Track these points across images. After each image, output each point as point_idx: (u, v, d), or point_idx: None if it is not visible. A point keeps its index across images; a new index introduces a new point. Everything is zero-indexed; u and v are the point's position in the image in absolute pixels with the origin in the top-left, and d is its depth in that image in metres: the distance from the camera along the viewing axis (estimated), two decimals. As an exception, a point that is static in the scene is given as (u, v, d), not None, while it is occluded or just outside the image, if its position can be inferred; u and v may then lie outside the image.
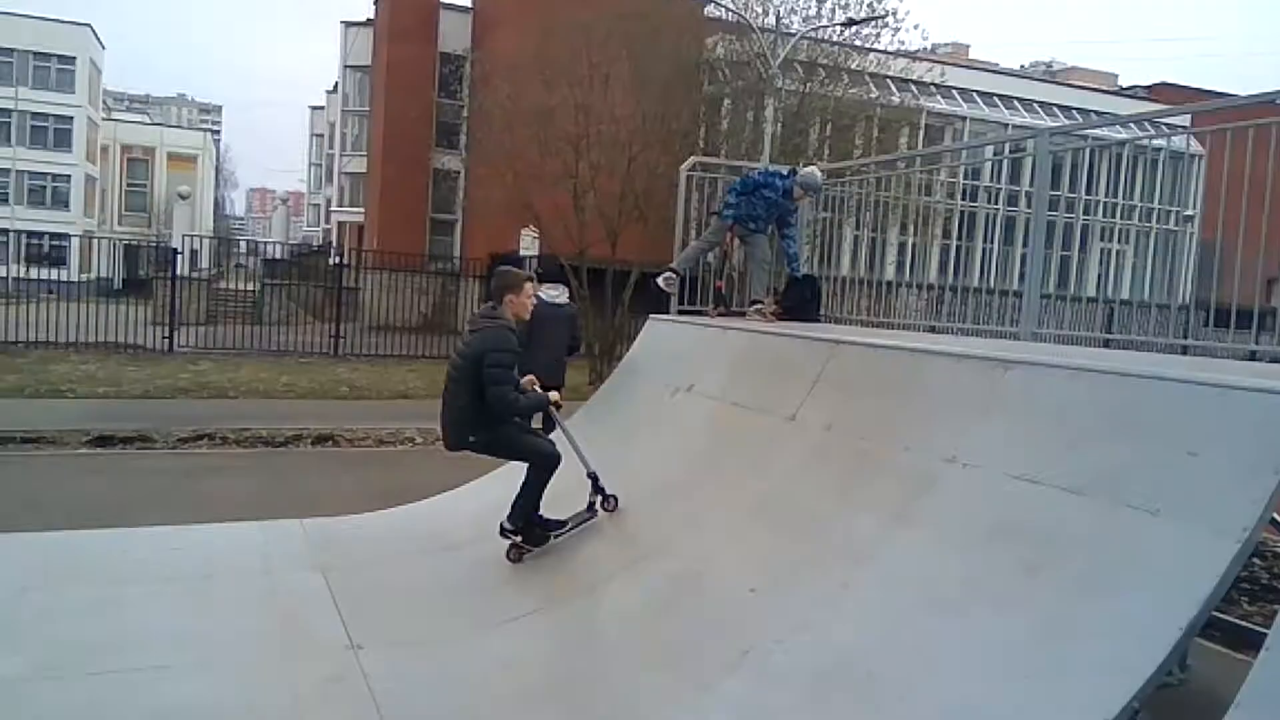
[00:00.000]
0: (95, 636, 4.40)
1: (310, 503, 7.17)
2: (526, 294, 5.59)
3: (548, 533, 5.42)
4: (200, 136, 62.79)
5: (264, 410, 12.43)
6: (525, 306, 5.62)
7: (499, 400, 5.21)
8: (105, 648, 4.29)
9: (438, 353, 20.46)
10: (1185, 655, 4.21)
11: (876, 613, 3.74)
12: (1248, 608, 5.69)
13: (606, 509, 5.57)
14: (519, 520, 5.36)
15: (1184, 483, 3.09)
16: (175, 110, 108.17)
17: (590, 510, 5.57)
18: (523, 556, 5.38)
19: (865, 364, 5.29)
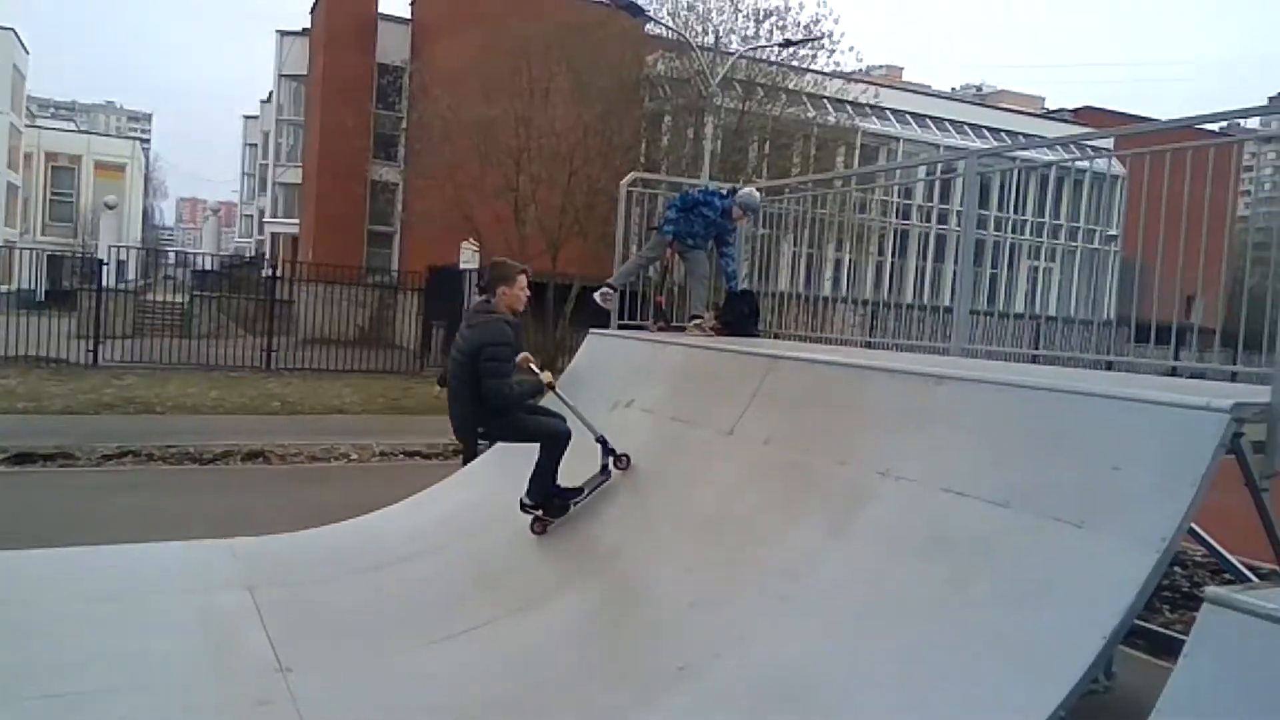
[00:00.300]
0: (12, 661, 4.21)
1: (239, 521, 6.98)
2: (520, 285, 5.53)
3: (567, 502, 5.49)
4: (129, 145, 61.02)
5: (192, 426, 12.09)
6: (519, 299, 5.55)
7: (496, 394, 5.23)
8: (24, 672, 4.11)
9: (374, 367, 20.16)
10: (1110, 663, 4.34)
11: (813, 625, 3.78)
12: (1169, 615, 5.87)
13: (620, 467, 5.64)
14: (538, 495, 5.44)
15: (1107, 495, 3.19)
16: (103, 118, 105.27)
17: (604, 472, 5.64)
18: (546, 528, 5.46)
19: (802, 379, 5.35)
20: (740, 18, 23.02)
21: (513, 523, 5.64)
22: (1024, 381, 3.95)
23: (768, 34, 22.99)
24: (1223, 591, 2.47)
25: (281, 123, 44.45)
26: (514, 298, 5.54)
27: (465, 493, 6.57)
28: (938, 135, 34.82)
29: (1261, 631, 2.26)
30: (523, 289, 5.55)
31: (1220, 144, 6.22)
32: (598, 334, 8.41)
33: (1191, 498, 2.96)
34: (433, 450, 11.68)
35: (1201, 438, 3.06)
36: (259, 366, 19.08)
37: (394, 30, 32.79)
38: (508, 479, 6.50)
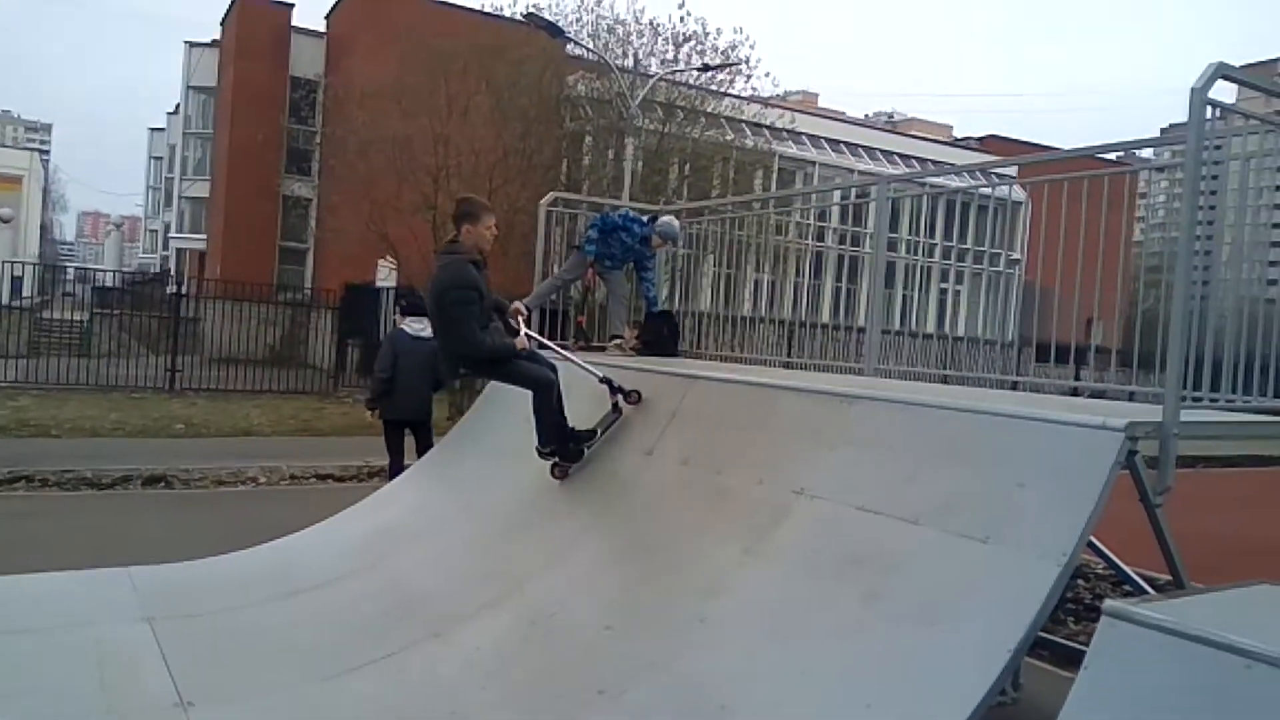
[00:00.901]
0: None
1: (139, 549, 6.67)
2: (486, 224, 5.27)
3: (581, 445, 5.52)
4: (26, 156, 58.44)
5: (91, 450, 11.55)
6: (484, 238, 5.29)
7: (465, 344, 5.12)
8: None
9: (286, 387, 19.61)
10: (1017, 674, 4.46)
11: (730, 646, 3.79)
12: (1073, 627, 6.06)
13: (631, 402, 5.66)
14: (551, 440, 5.42)
15: (1011, 512, 3.29)
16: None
17: (615, 411, 5.65)
18: (567, 472, 5.53)
19: (719, 399, 5.39)
20: (660, 41, 23.28)
21: (425, 546, 5.53)
22: (933, 401, 4.05)
23: (686, 58, 23.30)
24: (1120, 605, 2.56)
25: (189, 135, 43.20)
26: (479, 236, 5.26)
27: (379, 516, 6.42)
28: (851, 160, 35.78)
29: (1156, 643, 2.34)
30: (489, 228, 5.27)
31: (1116, 173, 6.53)
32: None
33: (1090, 513, 3.06)
34: (346, 473, 11.40)
35: (1099, 455, 3.18)
36: (162, 387, 18.39)
37: (308, 43, 32.25)
38: (423, 502, 6.40)
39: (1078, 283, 5.81)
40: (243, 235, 30.53)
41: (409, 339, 8.06)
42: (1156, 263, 48.99)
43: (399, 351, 8.06)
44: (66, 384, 17.57)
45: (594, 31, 23.16)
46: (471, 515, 5.91)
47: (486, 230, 5.24)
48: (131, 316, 24.04)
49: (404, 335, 8.13)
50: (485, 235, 5.26)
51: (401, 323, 8.32)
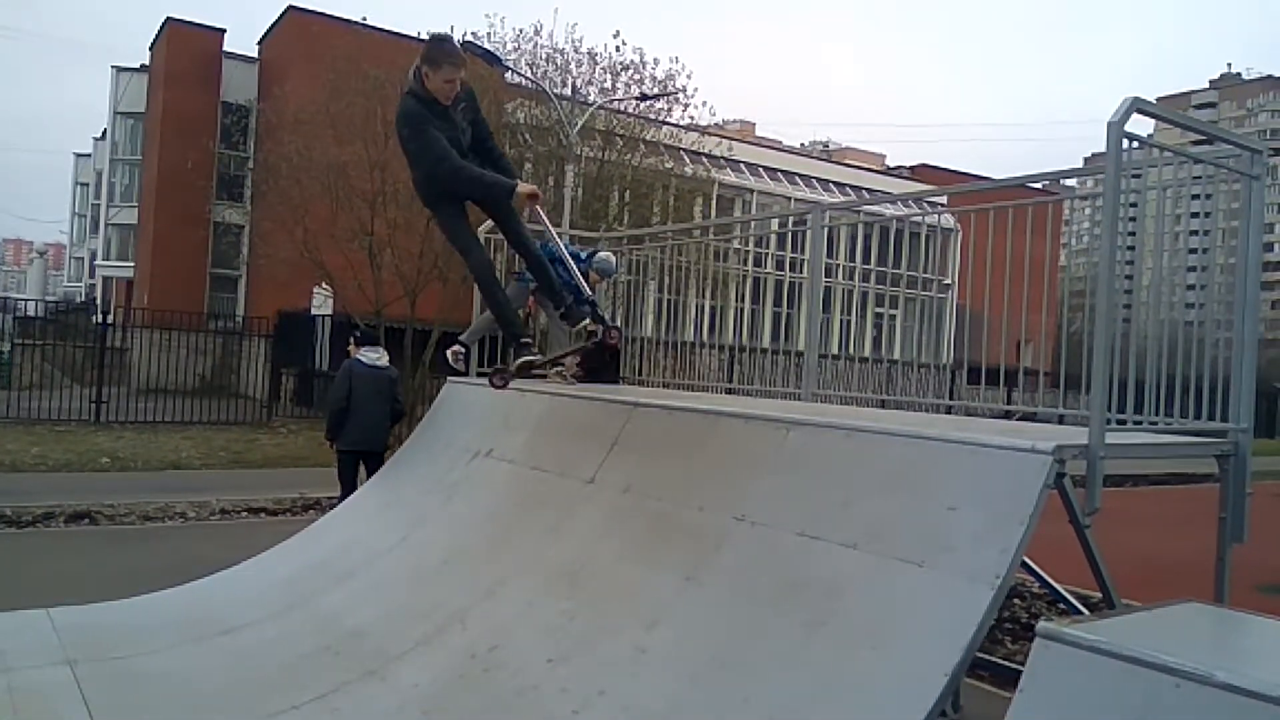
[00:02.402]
0: None
1: (61, 589, 6.41)
2: (442, 76, 4.75)
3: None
4: (-59, 180, 56.34)
5: (10, 485, 11.09)
6: (440, 90, 4.78)
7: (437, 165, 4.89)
8: None
9: (217, 418, 19.13)
10: (957, 695, 4.51)
11: (670, 675, 3.76)
12: (1011, 646, 6.17)
13: (611, 339, 5.85)
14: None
15: (944, 535, 3.33)
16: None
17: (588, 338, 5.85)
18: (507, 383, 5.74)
19: (661, 425, 5.39)
20: (598, 70, 23.45)
21: (360, 581, 5.41)
22: (868, 426, 4.10)
23: (625, 86, 23.51)
24: (1052, 626, 2.61)
25: (116, 161, 42.18)
26: (434, 86, 4.80)
27: (312, 551, 6.27)
28: (789, 188, 36.37)
29: (1089, 663, 2.39)
30: (447, 81, 4.76)
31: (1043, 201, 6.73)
32: (456, 382, 8.26)
33: (1021, 535, 3.12)
34: (279, 506, 11.13)
35: (1028, 478, 3.24)
36: (88, 419, 17.80)
37: (239, 69, 31.81)
38: (358, 534, 6.27)
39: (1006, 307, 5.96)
40: (172, 262, 29.82)
41: (365, 368, 7.98)
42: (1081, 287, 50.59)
43: (354, 381, 7.97)
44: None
45: (532, 60, 23.25)
46: (408, 547, 5.80)
47: (444, 83, 4.72)
48: (55, 346, 23.27)
49: (359, 364, 8.05)
50: (441, 88, 4.74)
51: (356, 353, 8.21)
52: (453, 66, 4.72)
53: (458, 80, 4.67)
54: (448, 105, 4.79)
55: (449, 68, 4.71)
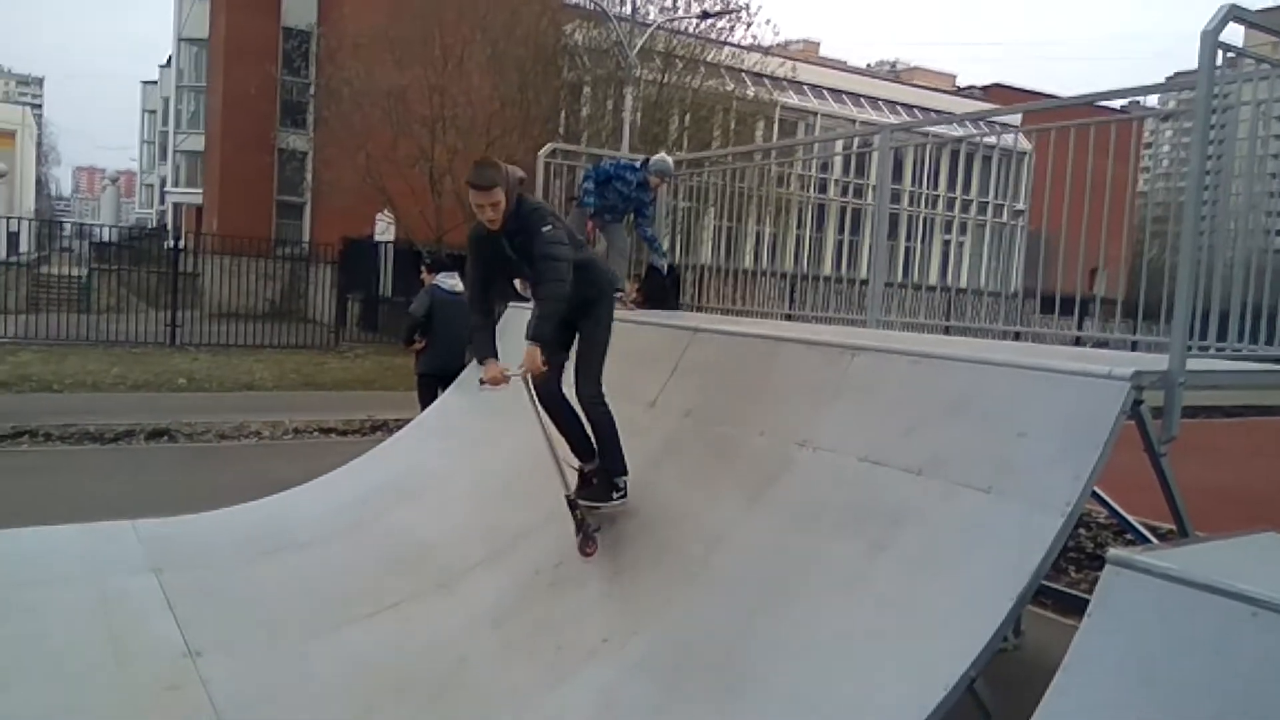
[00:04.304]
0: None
1: (144, 502, 6.71)
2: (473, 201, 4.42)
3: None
4: (19, 111, 57.67)
5: (93, 404, 11.56)
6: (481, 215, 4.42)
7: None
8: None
9: (287, 342, 19.57)
10: (1019, 622, 4.50)
11: (732, 595, 3.81)
12: (1074, 575, 6.11)
13: (588, 552, 4.49)
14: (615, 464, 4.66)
15: (1013, 461, 3.28)
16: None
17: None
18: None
19: (722, 351, 5.37)
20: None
21: (427, 500, 5.55)
22: (935, 352, 4.03)
23: (685, 4, 22.91)
24: (1123, 553, 2.57)
25: (182, 88, 42.71)
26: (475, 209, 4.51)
27: (381, 469, 6.44)
28: (854, 110, 35.36)
29: (1160, 591, 2.35)
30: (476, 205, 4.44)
31: (1122, 120, 6.44)
32: (517, 308, 8.30)
33: (1094, 463, 3.06)
34: (349, 427, 11.44)
35: (1104, 405, 3.16)
36: (163, 342, 18.35)
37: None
38: (424, 457, 6.40)
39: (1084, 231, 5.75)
40: (239, 189, 30.29)
41: (444, 293, 8.05)
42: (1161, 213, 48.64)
43: (436, 304, 8.06)
44: (67, 339, 17.54)
45: (592, -23, 22.74)
46: (472, 469, 5.92)
47: (476, 207, 4.45)
48: (130, 272, 23.94)
49: (439, 290, 8.11)
50: (478, 212, 4.47)
51: (433, 279, 8.27)
52: (476, 190, 4.35)
53: (488, 205, 4.28)
54: (496, 231, 4.43)
55: (474, 192, 4.37)
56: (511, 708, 3.74)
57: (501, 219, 4.38)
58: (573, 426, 4.74)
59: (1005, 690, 3.01)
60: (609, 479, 4.63)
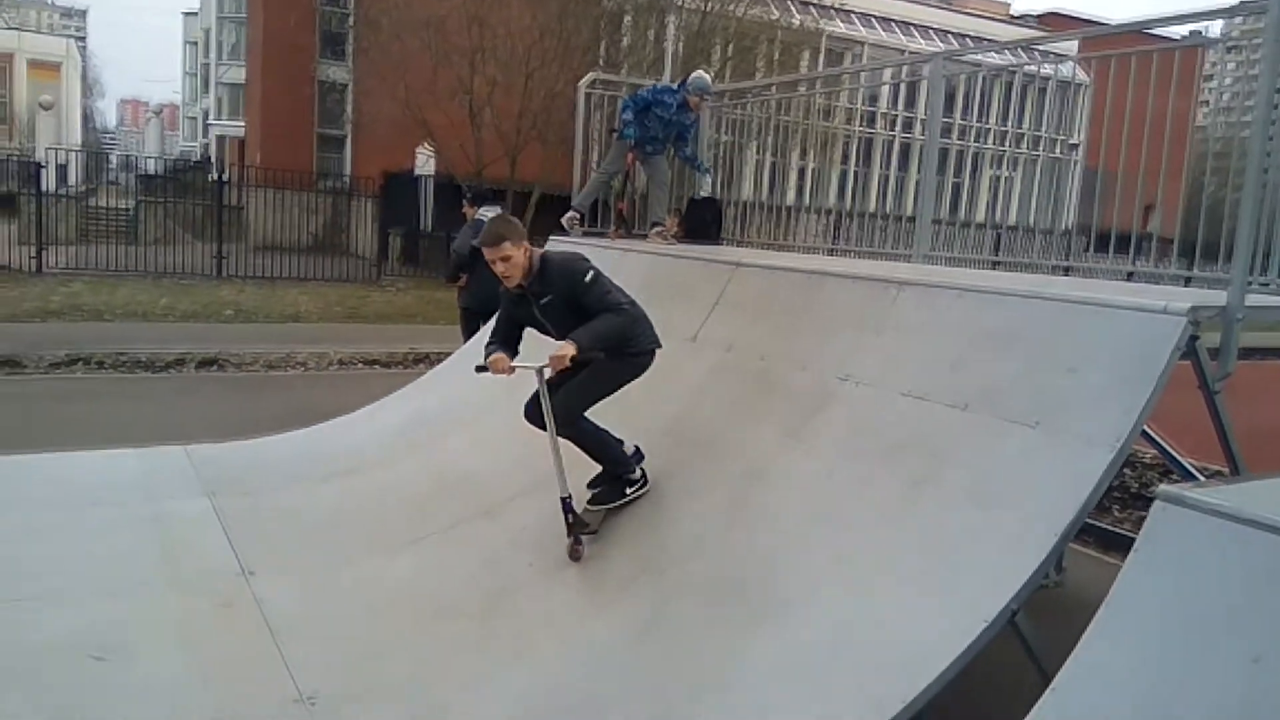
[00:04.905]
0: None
1: (195, 428, 6.89)
2: (486, 258, 4.18)
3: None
4: (63, 43, 57.87)
5: (143, 333, 11.81)
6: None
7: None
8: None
9: (330, 275, 19.76)
10: (1061, 559, 4.48)
11: (772, 528, 3.83)
12: (1118, 514, 6.07)
13: (575, 555, 4.27)
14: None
15: (1063, 397, 3.23)
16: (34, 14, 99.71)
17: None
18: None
19: (764, 285, 5.33)
20: (702, -91, 22.19)
21: (471, 431, 5.61)
22: (983, 286, 3.96)
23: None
24: (1175, 489, 2.53)
25: (223, 19, 42.61)
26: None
27: (424, 400, 6.53)
28: (903, 39, 34.30)
29: (1211, 528, 2.31)
30: (489, 262, 4.17)
31: (1183, 47, 6.18)
32: (558, 241, 8.29)
33: (1146, 399, 3.00)
34: (392, 359, 11.60)
35: (1159, 340, 3.09)
36: (209, 274, 18.63)
37: (340, -80, 31.16)
38: (466, 387, 6.46)
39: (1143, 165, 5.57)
40: (280, 122, 30.29)
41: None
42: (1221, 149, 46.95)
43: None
44: (116, 270, 17.87)
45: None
46: (513, 401, 5.96)
47: (490, 264, 4.16)
48: (176, 204, 24.20)
49: (480, 224, 8.04)
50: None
51: (475, 212, 8.22)
52: (484, 249, 4.12)
53: (499, 260, 4.05)
54: (518, 289, 4.18)
55: (484, 251, 4.13)
56: (552, 633, 3.83)
57: (520, 276, 4.12)
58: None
59: (1046, 625, 3.01)
60: (617, 481, 4.39)
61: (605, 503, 4.37)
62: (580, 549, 4.23)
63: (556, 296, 4.12)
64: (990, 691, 3.22)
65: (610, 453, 4.38)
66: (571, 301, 4.10)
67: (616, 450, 4.39)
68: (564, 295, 4.11)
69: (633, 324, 4.23)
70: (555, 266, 4.16)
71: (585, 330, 4.02)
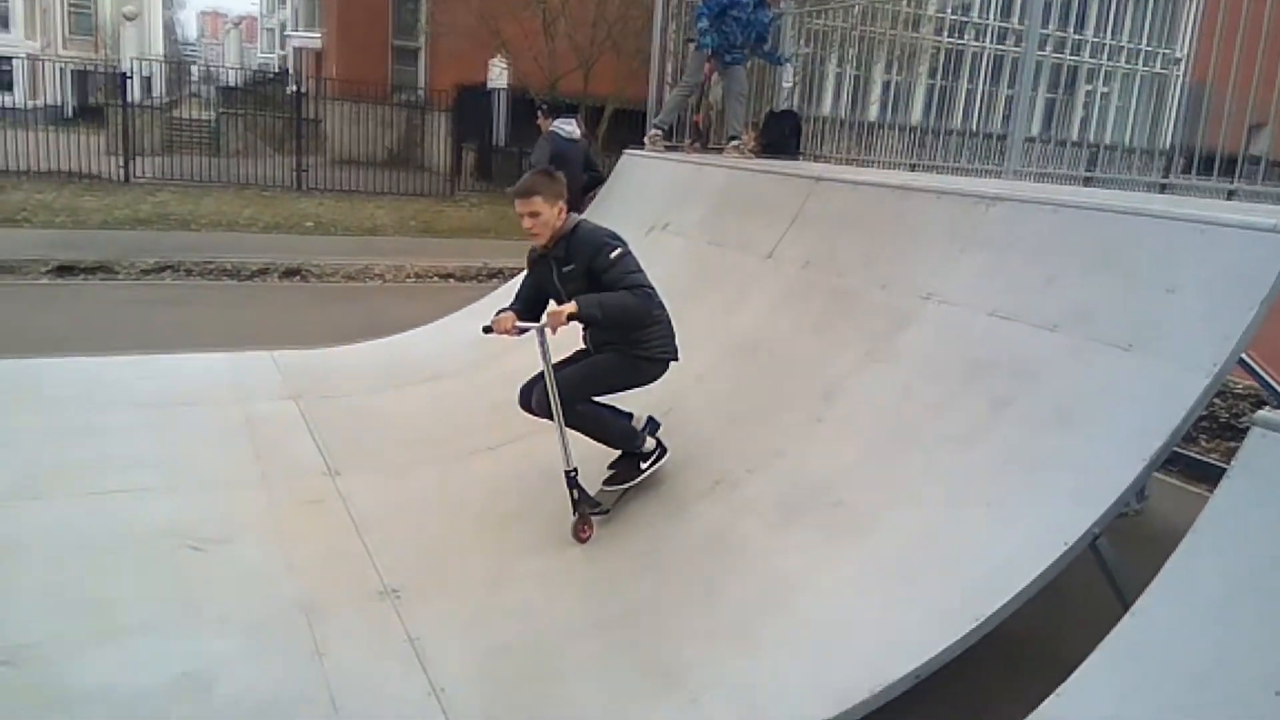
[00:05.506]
0: (71, 459, 4.41)
1: (279, 335, 7.10)
2: (516, 211, 4.02)
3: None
4: (144, -48, 58.31)
5: (228, 243, 12.14)
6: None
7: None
8: (82, 470, 4.31)
9: (405, 189, 19.94)
10: (1143, 488, 4.38)
11: (845, 446, 3.82)
12: (1205, 444, 5.88)
13: (583, 537, 3.96)
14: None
15: (1159, 318, 3.11)
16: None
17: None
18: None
19: (845, 200, 5.20)
20: None
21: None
22: (1081, 202, 3.79)
23: None
24: (1273, 415, 2.44)
25: (300, -72, 42.26)
26: None
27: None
28: (998, -55, 32.47)
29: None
30: (518, 214, 4.00)
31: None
32: (632, 154, 8.20)
33: (1248, 323, 2.87)
34: (466, 273, 11.74)
35: (1264, 261, 2.93)
36: (290, 186, 18.95)
37: None
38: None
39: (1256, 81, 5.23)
40: (357, 33, 30.22)
41: (563, 140, 7.87)
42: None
43: (555, 152, 7.86)
44: (200, 181, 18.29)
45: None
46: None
47: (518, 218, 4.02)
48: (256, 116, 24.53)
49: (558, 137, 7.94)
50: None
51: (550, 124, 8.12)
52: (515, 200, 3.94)
53: (526, 214, 3.87)
54: (544, 248, 4.02)
55: (515, 202, 3.94)
56: (621, 539, 3.91)
57: (548, 237, 3.94)
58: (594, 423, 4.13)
59: (1125, 552, 2.96)
60: (631, 458, 4.16)
61: (621, 483, 4.11)
62: (587, 530, 3.91)
63: (578, 266, 3.90)
64: (1062, 617, 3.21)
65: (611, 431, 4.10)
66: (593, 275, 3.85)
67: (618, 426, 4.11)
68: (586, 266, 3.87)
69: (647, 315, 3.92)
70: (585, 235, 3.93)
71: (593, 296, 3.77)
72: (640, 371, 4.05)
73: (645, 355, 4.01)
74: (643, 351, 4.00)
